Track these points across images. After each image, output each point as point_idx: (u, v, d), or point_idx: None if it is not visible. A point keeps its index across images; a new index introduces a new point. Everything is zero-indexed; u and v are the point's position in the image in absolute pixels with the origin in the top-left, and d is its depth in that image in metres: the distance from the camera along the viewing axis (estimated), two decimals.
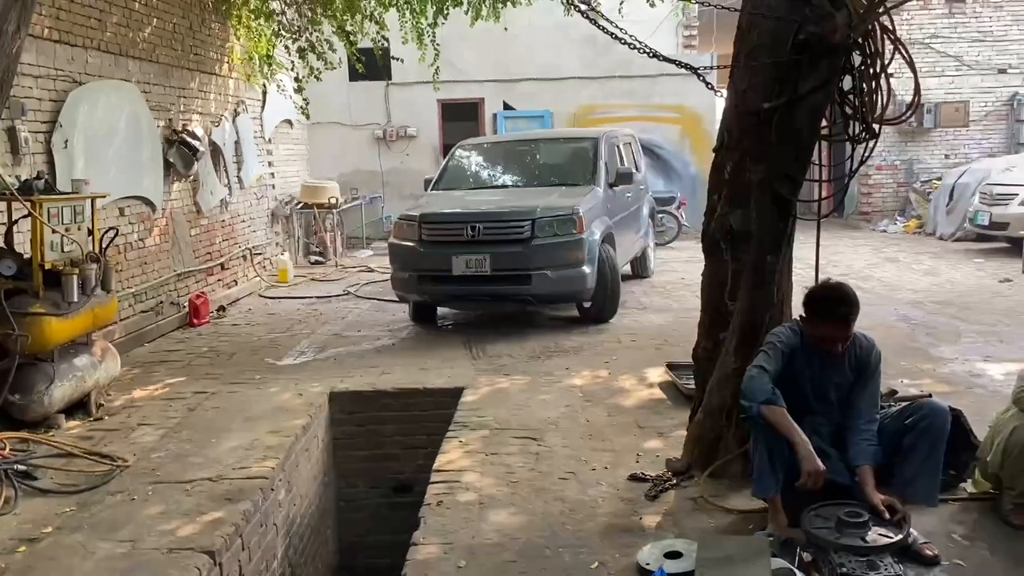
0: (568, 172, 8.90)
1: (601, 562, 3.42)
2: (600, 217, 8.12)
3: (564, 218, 7.57)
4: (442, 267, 7.54)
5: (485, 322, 8.24)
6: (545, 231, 7.50)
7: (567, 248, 7.50)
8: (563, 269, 7.49)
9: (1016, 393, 3.65)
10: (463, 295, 7.80)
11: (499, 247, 7.47)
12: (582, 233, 7.58)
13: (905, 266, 10.84)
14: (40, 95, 6.36)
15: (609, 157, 9.05)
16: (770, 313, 3.96)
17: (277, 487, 4.53)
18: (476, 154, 9.74)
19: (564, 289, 7.62)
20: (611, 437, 4.89)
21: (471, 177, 9.37)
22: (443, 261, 7.53)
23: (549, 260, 7.45)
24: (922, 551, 3.30)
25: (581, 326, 7.89)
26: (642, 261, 10.56)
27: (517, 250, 7.44)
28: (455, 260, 7.45)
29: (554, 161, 9.35)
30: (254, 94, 11.10)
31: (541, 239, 7.47)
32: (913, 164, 15.16)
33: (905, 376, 5.71)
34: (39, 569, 3.47)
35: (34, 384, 5.06)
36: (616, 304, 8.13)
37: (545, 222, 7.52)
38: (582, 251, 7.55)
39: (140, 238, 7.87)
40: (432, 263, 7.64)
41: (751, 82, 3.85)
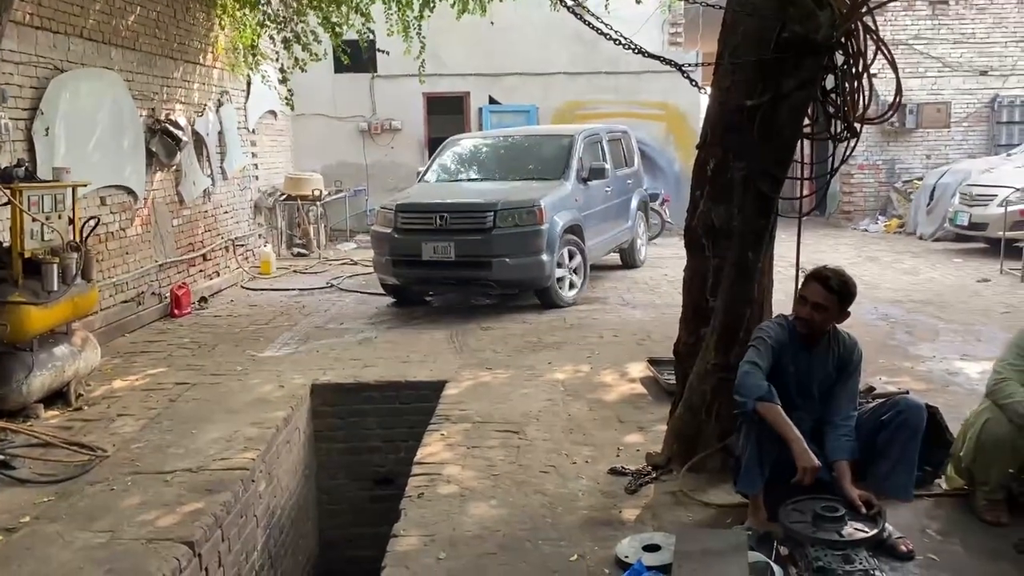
0: (544, 167, 9.34)
1: (580, 554, 3.44)
2: (567, 209, 8.65)
3: (525, 209, 8.16)
4: (413, 252, 8.23)
5: (469, 316, 8.24)
6: (506, 221, 8.09)
7: (526, 237, 8.09)
8: (522, 257, 8.08)
9: (990, 386, 3.71)
10: (431, 279, 8.59)
11: (463, 235, 8.13)
12: (542, 224, 8.14)
13: (885, 265, 10.94)
14: (21, 82, 6.29)
15: (586, 153, 9.49)
16: (751, 309, 3.99)
17: (258, 479, 4.53)
18: (464, 148, 10.27)
19: (523, 275, 8.22)
20: (592, 431, 4.92)
21: (456, 170, 9.91)
22: (414, 247, 8.22)
23: (509, 248, 8.04)
24: (897, 546, 3.35)
25: (564, 322, 7.91)
26: (630, 252, 10.97)
27: (479, 238, 8.07)
28: (424, 246, 8.15)
29: (533, 156, 9.75)
30: (238, 84, 11.03)
31: (502, 228, 8.07)
32: (895, 164, 15.29)
33: (883, 373, 5.78)
34: (16, 559, 3.45)
35: (12, 373, 5.02)
36: None
37: (506, 213, 8.11)
38: (541, 240, 8.12)
39: (122, 228, 7.81)
40: (405, 248, 8.33)
41: (735, 79, 3.87)
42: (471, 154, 10.20)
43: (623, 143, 10.99)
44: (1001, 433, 3.57)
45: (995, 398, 3.64)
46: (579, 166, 9.20)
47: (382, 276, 8.78)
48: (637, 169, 11.30)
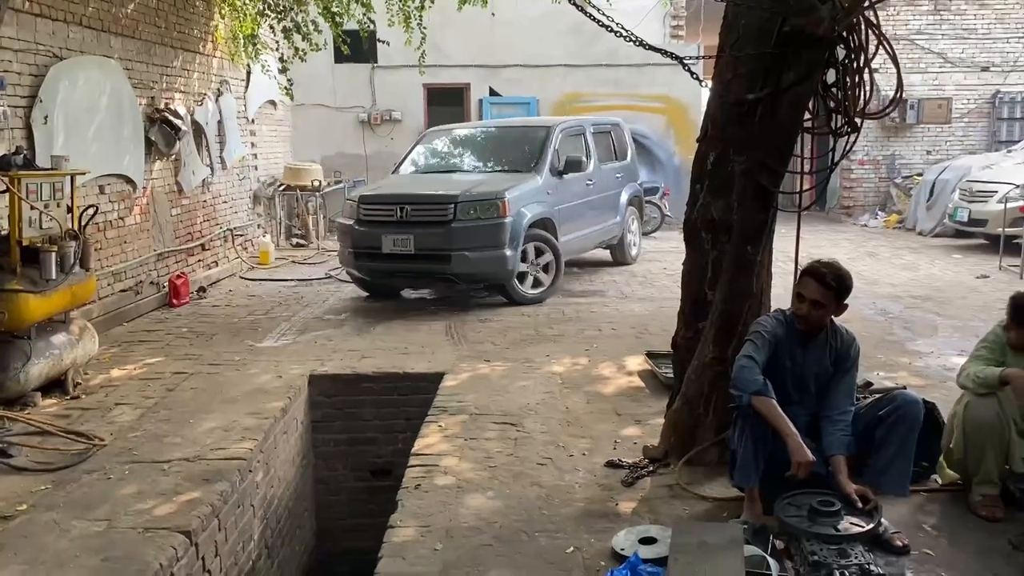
0: (517, 159, 9.14)
1: (576, 547, 3.45)
2: (536, 203, 8.46)
3: (487, 202, 7.96)
4: (374, 245, 8.07)
5: (467, 308, 8.24)
6: (467, 214, 7.89)
7: (487, 231, 7.89)
8: (483, 251, 7.89)
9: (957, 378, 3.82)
10: (391, 272, 8.39)
11: (423, 228, 7.96)
12: (505, 217, 7.94)
13: (884, 260, 10.94)
14: (20, 69, 6.27)
15: (565, 146, 9.27)
16: (749, 303, 3.99)
17: (255, 468, 4.53)
18: (441, 140, 10.14)
19: (484, 270, 8.05)
20: (589, 424, 4.92)
21: (430, 162, 9.74)
22: (375, 239, 8.06)
23: (469, 242, 7.85)
24: (892, 540, 3.36)
25: (562, 314, 7.91)
26: (620, 248, 10.65)
27: (439, 231, 7.89)
28: (384, 239, 7.98)
29: (508, 149, 9.55)
30: (238, 74, 11.01)
31: (462, 222, 7.88)
32: (895, 159, 15.27)
33: (881, 369, 5.78)
34: (12, 547, 3.45)
35: (10, 361, 5.02)
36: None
37: (467, 205, 7.92)
38: (503, 234, 7.93)
39: (120, 216, 7.80)
40: (366, 241, 8.19)
41: (736, 73, 3.86)
42: (447, 146, 10.03)
43: (613, 136, 10.72)
44: (983, 416, 3.61)
45: (959, 382, 3.78)
46: (554, 159, 8.98)
47: (346, 268, 8.76)
48: (630, 163, 11.01)
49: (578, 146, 9.69)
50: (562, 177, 9.01)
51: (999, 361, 3.74)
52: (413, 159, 9.74)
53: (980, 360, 3.77)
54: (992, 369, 3.65)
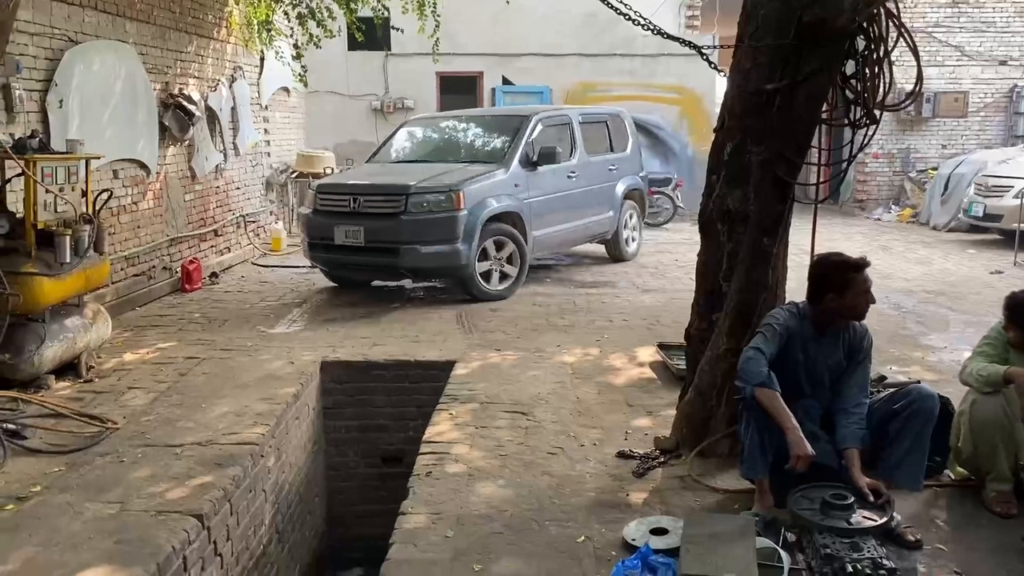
0: (490, 150, 8.87)
1: (587, 536, 3.45)
2: (501, 195, 8.14)
3: (440, 194, 7.69)
4: (327, 235, 7.93)
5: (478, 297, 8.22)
6: (419, 206, 7.63)
7: (439, 224, 7.61)
8: (435, 245, 7.62)
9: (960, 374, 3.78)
10: (343, 264, 8.22)
11: (373, 220, 7.75)
12: (460, 210, 7.66)
13: (898, 254, 10.88)
14: (36, 53, 6.28)
15: (543, 137, 8.87)
16: (764, 295, 3.97)
17: (267, 454, 4.55)
18: (418, 129, 9.90)
19: (436, 264, 7.81)
20: (600, 414, 4.92)
21: (403, 152, 9.48)
22: (328, 230, 7.92)
23: (420, 235, 7.59)
24: (905, 535, 3.34)
25: (573, 305, 7.90)
26: (615, 243, 10.23)
27: (389, 223, 7.67)
28: (337, 229, 7.82)
29: (482, 139, 9.28)
30: (252, 60, 11.00)
31: (413, 214, 7.61)
32: (909, 153, 15.17)
33: (894, 363, 5.75)
34: (27, 527, 3.47)
35: (24, 344, 5.04)
36: None
37: (419, 197, 7.65)
38: (456, 228, 7.63)
39: (134, 201, 7.82)
40: (320, 231, 8.06)
41: (754, 63, 3.83)
42: (423, 135, 9.77)
43: (610, 126, 10.23)
44: (990, 414, 3.59)
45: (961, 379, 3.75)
46: (527, 150, 8.57)
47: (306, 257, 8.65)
48: (630, 154, 10.47)
49: (563, 137, 9.28)
50: (536, 169, 8.60)
51: (1003, 358, 3.70)
52: (387, 149, 9.52)
53: (982, 357, 3.74)
54: (996, 367, 3.61)
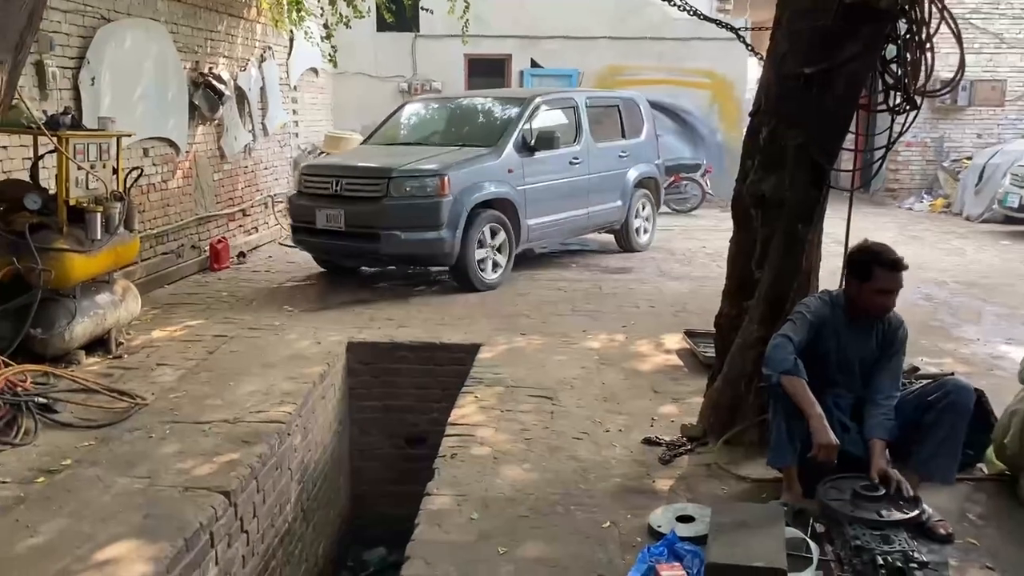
0: (484, 134, 8.47)
1: (613, 522, 3.43)
2: (492, 181, 7.80)
3: (423, 179, 7.37)
4: (309, 219, 7.70)
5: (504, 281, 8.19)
6: (400, 190, 7.34)
7: (422, 210, 7.31)
8: (416, 231, 7.32)
9: (1020, 373, 3.65)
10: (324, 248, 7.99)
11: (354, 204, 7.48)
12: (444, 196, 7.34)
13: (930, 245, 10.71)
14: (69, 30, 6.32)
15: (543, 121, 8.51)
16: (797, 283, 3.92)
17: (293, 432, 4.57)
18: (417, 111, 9.60)
19: (417, 251, 7.51)
20: (626, 400, 4.89)
21: (398, 134, 9.15)
22: (310, 213, 7.68)
23: (401, 221, 7.29)
24: (936, 528, 3.29)
25: (599, 290, 7.86)
26: (624, 233, 9.81)
27: (370, 208, 7.39)
28: (318, 213, 7.58)
29: (478, 122, 8.95)
30: (281, 40, 11.00)
31: (395, 199, 7.32)
32: (943, 142, 14.89)
33: (925, 355, 5.67)
34: (57, 500, 3.51)
35: (56, 319, 5.09)
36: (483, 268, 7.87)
37: (401, 181, 7.35)
38: (440, 214, 7.32)
39: (163, 180, 7.87)
40: (303, 214, 7.84)
41: (791, 46, 3.75)
42: (421, 117, 9.45)
43: (622, 111, 9.77)
44: None
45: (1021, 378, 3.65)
46: (524, 134, 8.19)
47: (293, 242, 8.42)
48: (644, 141, 9.99)
49: (567, 121, 8.90)
50: (533, 154, 8.22)
51: None
52: (384, 130, 9.25)
53: None
54: None
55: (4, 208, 5.08)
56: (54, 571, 2.97)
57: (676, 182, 13.26)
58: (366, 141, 9.34)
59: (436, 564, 3.12)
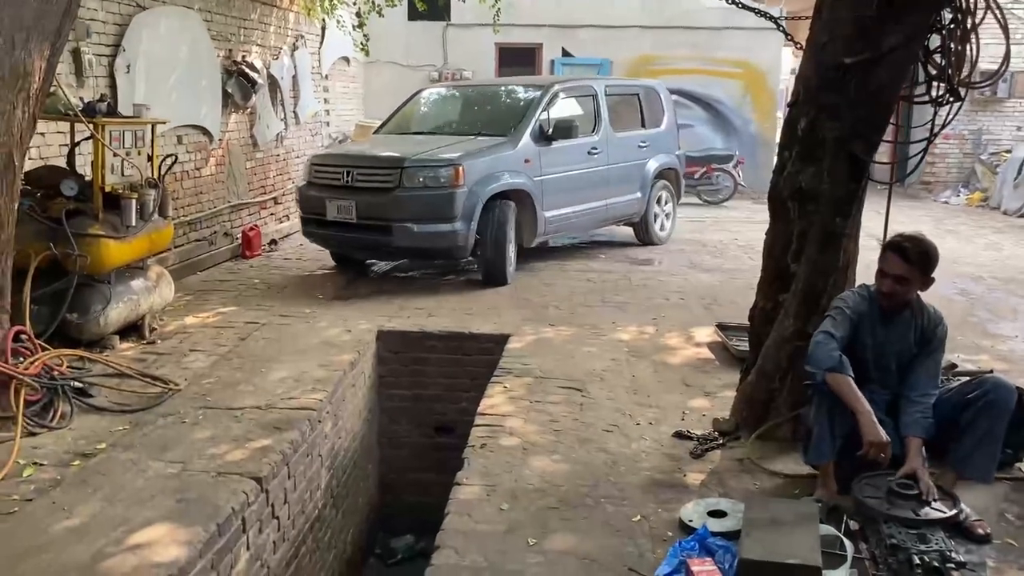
0: (499, 123, 8.18)
1: (643, 515, 3.41)
2: (507, 171, 7.54)
3: (437, 169, 7.12)
4: (320, 210, 7.45)
5: (532, 272, 8.18)
6: (413, 181, 7.08)
7: (435, 201, 7.06)
8: (429, 223, 7.06)
9: None
10: (335, 240, 7.72)
11: (365, 195, 7.25)
12: (458, 187, 7.08)
13: (966, 239, 10.52)
14: (105, 18, 6.38)
15: (560, 109, 8.26)
16: (834, 277, 3.85)
17: (324, 419, 4.59)
18: (431, 99, 9.36)
19: (430, 244, 7.21)
20: (656, 393, 4.86)
21: (411, 123, 8.91)
22: (320, 205, 7.44)
23: (413, 212, 7.04)
24: (974, 528, 3.23)
25: (629, 282, 7.81)
26: (643, 226, 9.57)
27: (382, 199, 7.15)
28: (329, 204, 7.35)
29: (496, 110, 8.66)
30: (313, 29, 11.04)
31: (408, 189, 7.07)
32: (981, 135, 14.61)
33: (962, 351, 5.57)
34: (92, 483, 3.56)
35: (91, 304, 5.15)
36: (504, 266, 7.52)
37: (414, 171, 7.09)
38: (454, 205, 7.07)
39: (196, 167, 7.93)
40: (312, 206, 7.59)
41: (832, 35, 3.68)
42: (436, 106, 9.23)
43: (642, 100, 9.52)
44: None
45: None
46: (541, 123, 7.95)
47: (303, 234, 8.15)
48: (665, 130, 9.73)
49: (585, 110, 8.65)
50: (551, 144, 7.99)
51: None
52: (401, 120, 8.95)
53: None
54: None
55: (41, 194, 5.14)
56: (89, 553, 3.01)
57: (708, 173, 13.14)
58: (379, 129, 9.09)
59: (465, 554, 3.12)
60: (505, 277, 7.52)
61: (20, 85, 3.92)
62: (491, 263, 7.44)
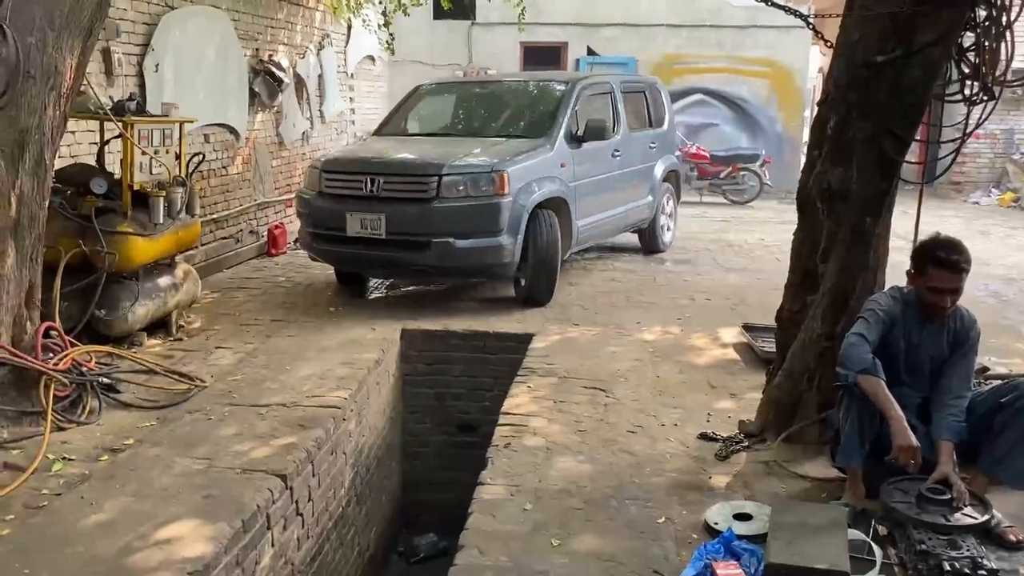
0: (526, 123, 7.52)
1: (668, 517, 3.38)
2: (546, 178, 6.78)
3: (479, 176, 6.29)
4: (337, 225, 6.43)
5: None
6: (454, 191, 6.23)
7: (479, 213, 6.24)
8: (472, 238, 6.23)
9: None
10: (357, 259, 6.70)
11: (398, 206, 6.32)
12: (503, 196, 6.29)
13: (998, 240, 10.37)
14: (134, 17, 6.44)
15: (586, 108, 7.60)
16: (863, 278, 3.80)
17: (348, 417, 4.60)
18: (436, 96, 8.52)
19: (473, 262, 6.36)
20: (681, 394, 4.82)
21: (421, 123, 8.14)
22: (338, 217, 6.41)
23: (455, 226, 6.21)
24: (1006, 535, 3.17)
25: (653, 281, 7.76)
26: (651, 233, 8.94)
27: (417, 211, 6.27)
28: (350, 217, 6.33)
29: (517, 109, 7.89)
30: (339, 28, 11.08)
31: (448, 200, 6.22)
32: (1013, 134, 14.40)
33: (994, 354, 5.48)
34: (120, 478, 3.59)
35: (119, 301, 5.20)
36: (553, 284, 6.83)
37: (455, 179, 6.25)
38: (500, 217, 6.28)
39: (223, 165, 7.99)
40: (327, 219, 6.55)
41: (863, 33, 3.63)
42: (443, 104, 8.39)
43: (648, 97, 8.88)
44: None
45: None
46: (572, 123, 7.28)
47: (306, 251, 7.10)
48: (667, 130, 9.15)
49: (603, 109, 7.97)
50: (581, 146, 7.29)
51: None
52: (404, 119, 8.06)
53: None
54: None
55: (72, 192, 5.21)
56: (116, 547, 3.03)
57: (734, 172, 13.04)
58: (380, 132, 8.01)
59: (489, 553, 3.11)
60: (550, 296, 6.81)
61: (51, 84, 3.96)
62: (537, 281, 6.68)
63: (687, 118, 14.43)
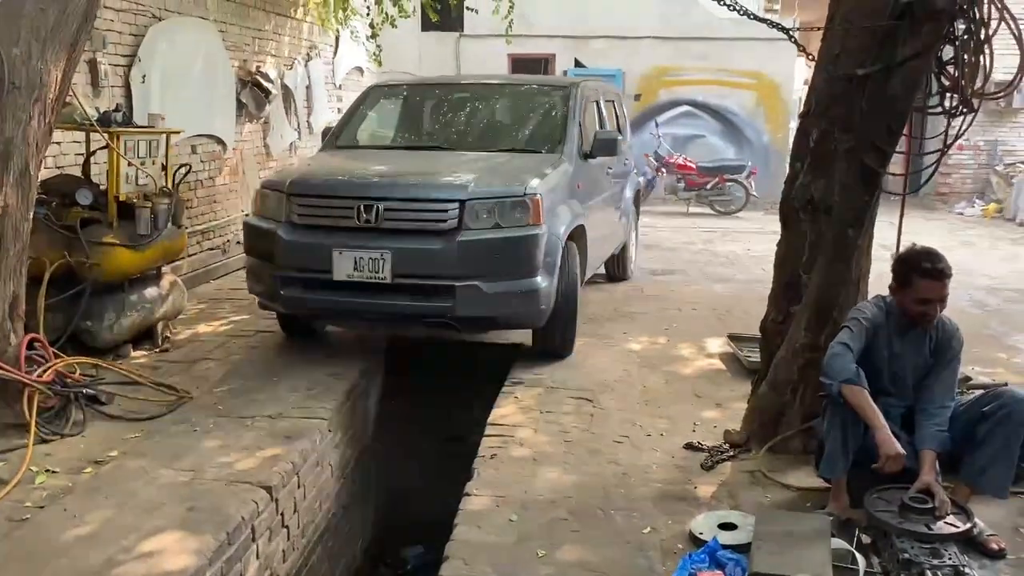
0: (527, 134, 6.37)
1: (653, 527, 3.40)
2: (566, 202, 5.58)
3: (511, 201, 5.01)
4: (317, 266, 4.99)
5: None
6: (481, 219, 4.94)
7: (511, 247, 4.97)
8: (504, 279, 4.96)
9: None
10: (349, 310, 5.20)
11: (407, 239, 4.94)
12: (538, 224, 5.05)
13: (982, 251, 10.46)
14: (121, 29, 6.44)
15: (586, 117, 6.54)
16: (846, 290, 3.84)
17: (334, 429, 4.59)
18: (400, 99, 7.04)
19: (505, 311, 5.04)
20: (667, 404, 4.84)
21: (386, 133, 6.82)
22: (319, 256, 4.96)
23: (482, 265, 4.92)
24: (988, 543, 3.20)
25: (641, 292, 7.78)
26: (621, 260, 8.01)
27: (435, 246, 4.90)
28: (338, 256, 4.90)
29: (510, 117, 6.72)
30: (327, 39, 11.10)
31: (474, 231, 4.92)
32: (997, 146, 14.53)
33: (977, 363, 5.52)
34: (104, 490, 3.57)
35: (104, 312, 5.18)
36: (574, 330, 5.68)
37: (481, 205, 4.95)
38: (535, 253, 5.01)
39: (210, 176, 7.98)
40: (302, 258, 5.07)
41: (845, 46, 3.68)
42: (414, 108, 6.93)
43: (616, 108, 7.87)
44: None
45: None
46: (580, 135, 6.18)
47: (263, 299, 5.48)
48: (630, 144, 8.41)
49: (592, 119, 6.91)
50: (587, 162, 6.23)
51: None
52: (362, 127, 6.64)
53: None
54: None
55: (57, 203, 5.17)
56: (100, 560, 3.01)
57: (720, 183, 13.16)
58: (332, 145, 6.42)
59: (474, 565, 3.11)
60: (572, 345, 5.68)
61: (36, 95, 3.97)
62: (561, 328, 5.50)
63: (675, 129, 14.54)
